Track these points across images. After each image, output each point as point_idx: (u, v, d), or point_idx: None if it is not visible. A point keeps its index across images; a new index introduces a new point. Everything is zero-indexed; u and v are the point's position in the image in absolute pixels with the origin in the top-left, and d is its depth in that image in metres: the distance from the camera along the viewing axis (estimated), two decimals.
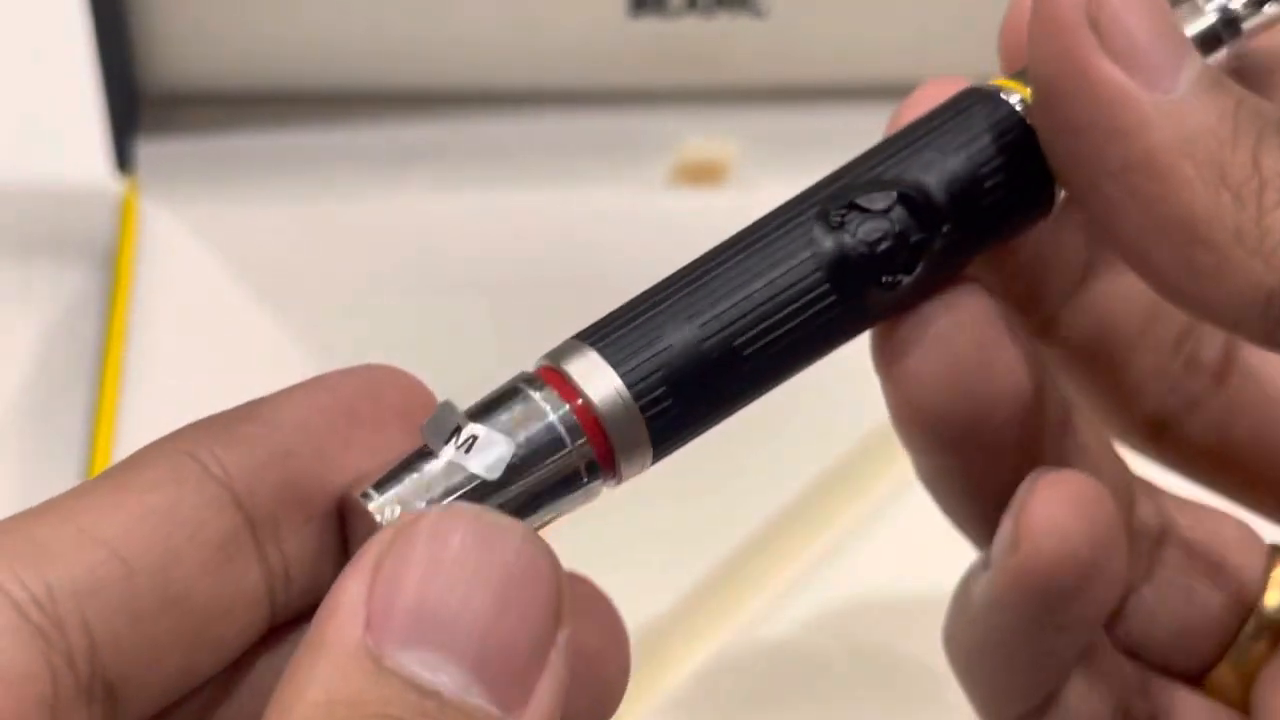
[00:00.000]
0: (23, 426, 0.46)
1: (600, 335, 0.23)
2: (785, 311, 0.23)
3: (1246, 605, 0.28)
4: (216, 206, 0.48)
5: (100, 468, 0.41)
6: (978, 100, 0.25)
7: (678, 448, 0.23)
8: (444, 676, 0.19)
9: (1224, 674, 0.28)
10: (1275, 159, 0.22)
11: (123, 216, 0.47)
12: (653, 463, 0.23)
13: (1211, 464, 0.29)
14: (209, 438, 0.22)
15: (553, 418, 0.22)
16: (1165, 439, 0.29)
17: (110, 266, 0.47)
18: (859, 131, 0.51)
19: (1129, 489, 0.28)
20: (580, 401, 0.22)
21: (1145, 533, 0.28)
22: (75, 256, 0.50)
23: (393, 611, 0.19)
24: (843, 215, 0.24)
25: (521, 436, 0.22)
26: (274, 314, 0.46)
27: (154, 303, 0.45)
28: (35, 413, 0.47)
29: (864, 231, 0.24)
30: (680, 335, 0.23)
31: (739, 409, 0.24)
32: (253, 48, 0.48)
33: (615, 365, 0.22)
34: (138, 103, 0.48)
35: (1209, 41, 0.25)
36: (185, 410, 0.43)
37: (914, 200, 0.24)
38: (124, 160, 0.48)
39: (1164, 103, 0.22)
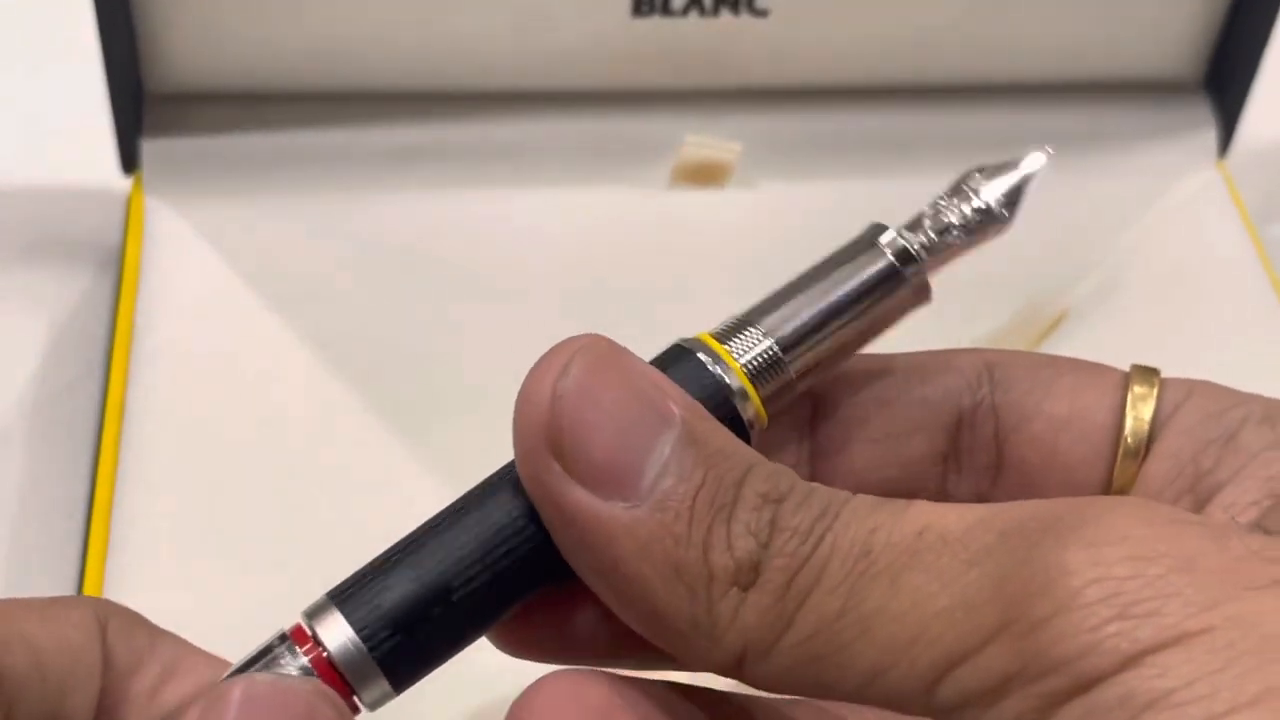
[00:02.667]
0: (30, 424, 0.46)
1: (340, 594, 0.27)
2: (492, 554, 0.26)
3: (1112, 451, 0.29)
4: (221, 205, 0.48)
5: (107, 465, 0.42)
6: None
7: (417, 678, 0.27)
8: None
9: None
10: (720, 553, 0.25)
11: (128, 215, 0.47)
12: (397, 692, 0.27)
13: None
14: None
15: (293, 671, 0.26)
16: None
17: (116, 264, 0.47)
18: (859, 131, 0.51)
19: None
20: (323, 652, 0.26)
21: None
22: (81, 255, 0.50)
23: None
24: None
25: None
26: (277, 311, 0.46)
27: (159, 300, 0.45)
28: (42, 411, 0.47)
29: None
30: (401, 587, 0.26)
31: (469, 642, 0.27)
32: (257, 48, 0.48)
33: (349, 618, 0.26)
34: (143, 102, 0.49)
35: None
36: (191, 406, 0.44)
37: None
38: (129, 159, 0.48)
39: (624, 515, 0.25)
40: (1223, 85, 0.52)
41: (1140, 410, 0.29)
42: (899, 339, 0.30)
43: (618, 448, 0.25)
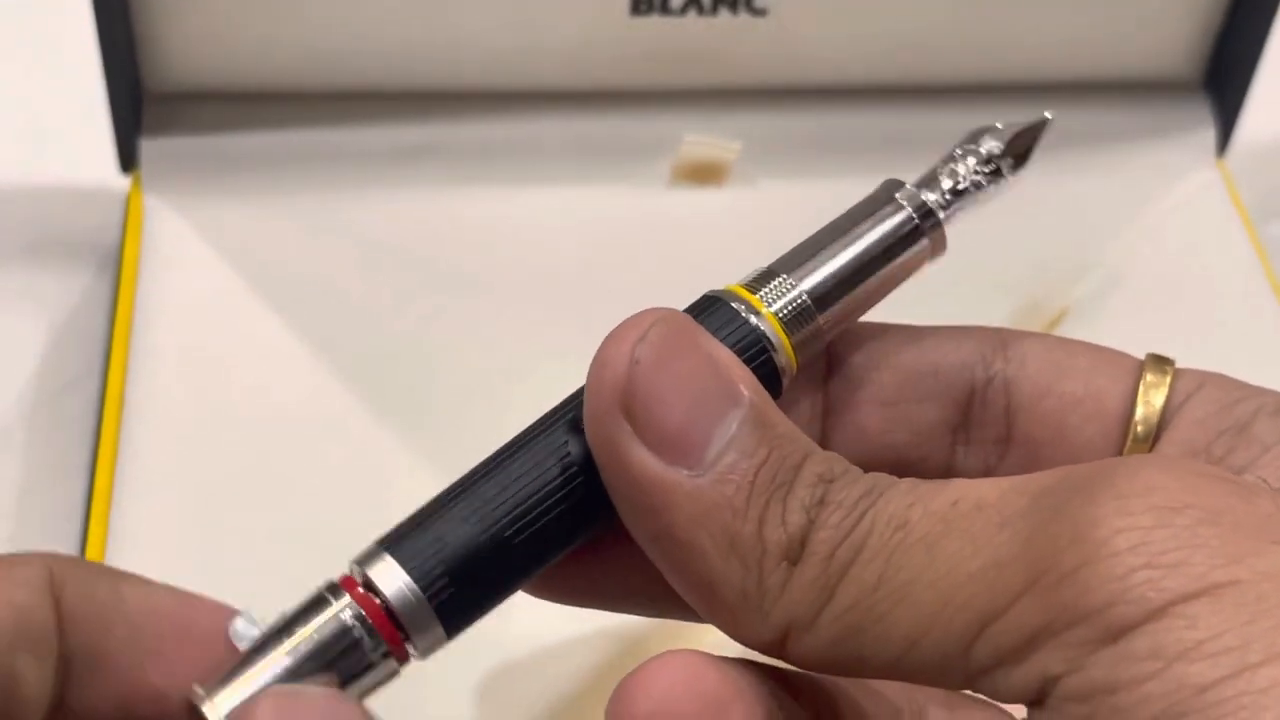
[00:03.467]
0: (29, 423, 0.46)
1: (392, 540, 0.27)
2: (546, 503, 0.27)
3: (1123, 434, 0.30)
4: (219, 204, 0.48)
5: (106, 463, 0.42)
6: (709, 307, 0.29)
7: (469, 624, 0.27)
8: None
9: None
10: (774, 528, 0.25)
11: (127, 214, 0.47)
12: (449, 639, 0.27)
13: None
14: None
15: (348, 618, 0.26)
16: None
17: (115, 263, 0.47)
18: (859, 131, 0.51)
19: None
20: (377, 600, 0.26)
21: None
22: (80, 254, 0.50)
23: None
24: None
25: (323, 636, 0.26)
26: (277, 310, 0.46)
27: (158, 299, 0.45)
28: (42, 411, 0.47)
29: None
30: (457, 533, 0.26)
31: (519, 587, 0.28)
32: (255, 47, 0.48)
33: (404, 564, 0.26)
34: (141, 101, 0.49)
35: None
36: (190, 404, 0.44)
37: None
38: (128, 158, 0.48)
39: (687, 482, 0.26)
40: (1222, 85, 0.52)
41: (1152, 397, 0.29)
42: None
43: (688, 417, 0.26)
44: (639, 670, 0.26)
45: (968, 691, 0.24)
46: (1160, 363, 0.30)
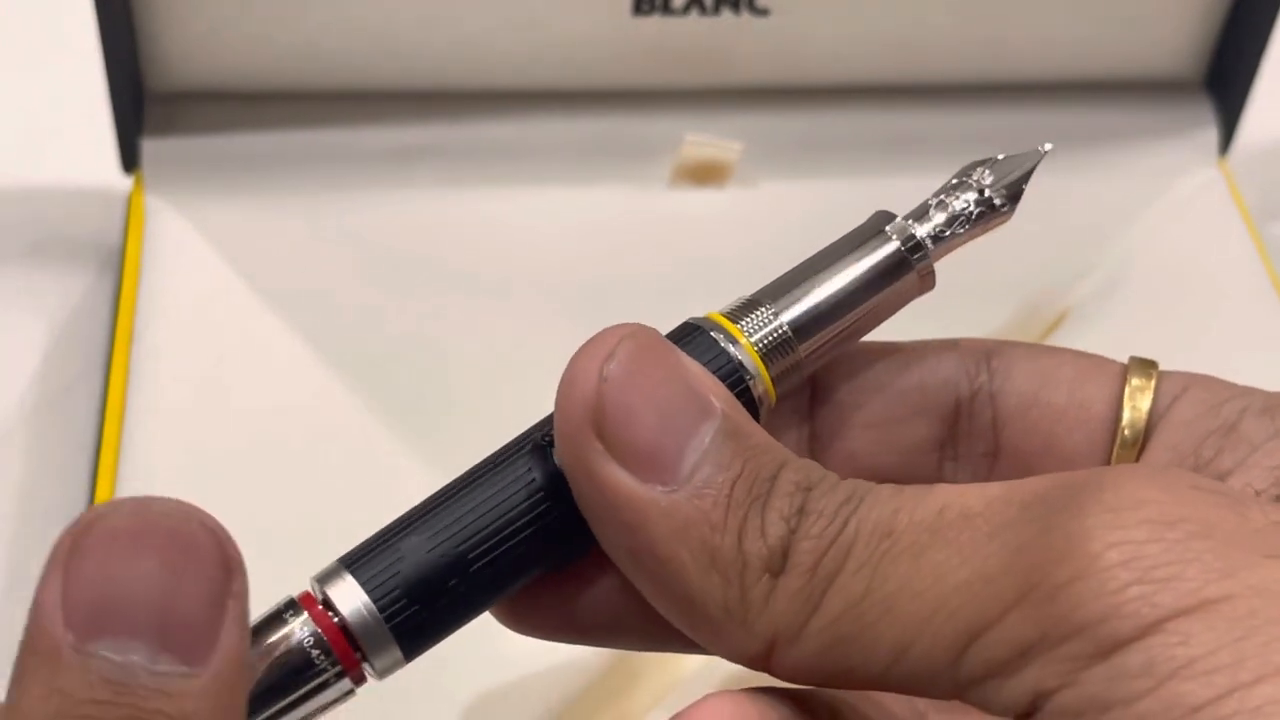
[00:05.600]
0: (31, 423, 0.46)
1: (354, 559, 0.27)
2: (509, 529, 0.27)
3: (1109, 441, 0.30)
4: (221, 204, 0.48)
5: (108, 464, 0.42)
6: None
7: (428, 647, 0.27)
8: (133, 655, 0.22)
9: None
10: (754, 540, 0.25)
11: (128, 214, 0.47)
12: (407, 660, 0.27)
13: None
14: None
15: (304, 636, 0.26)
16: None
17: (116, 263, 0.47)
18: (859, 131, 0.51)
19: None
20: (334, 618, 0.26)
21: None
22: (81, 254, 0.50)
23: (79, 607, 0.22)
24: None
25: (277, 652, 0.26)
26: (277, 310, 0.46)
27: (160, 299, 0.45)
28: (42, 411, 0.47)
29: None
30: (417, 554, 0.26)
31: (479, 612, 0.27)
32: (257, 47, 0.48)
33: (363, 584, 0.26)
34: (143, 101, 0.49)
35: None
36: (192, 405, 0.44)
37: None
38: (129, 159, 0.48)
39: (663, 498, 0.25)
40: (1223, 84, 0.52)
41: (1138, 401, 0.29)
42: (900, 333, 0.30)
43: (660, 433, 0.26)
44: (683, 716, 0.26)
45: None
46: (1144, 366, 0.30)
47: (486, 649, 0.30)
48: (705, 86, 0.51)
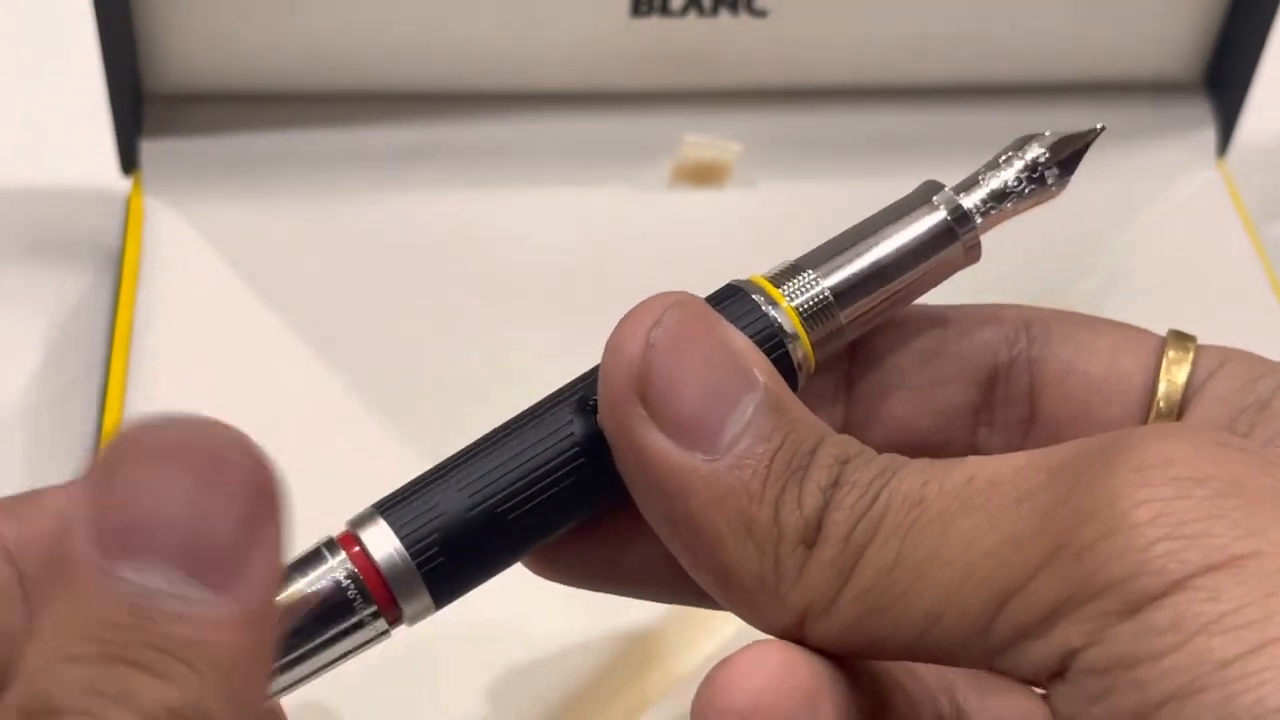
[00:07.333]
0: (30, 423, 0.46)
1: (388, 505, 0.27)
2: (544, 482, 0.27)
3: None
4: (220, 205, 0.48)
5: None
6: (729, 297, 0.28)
7: (458, 595, 0.27)
8: (155, 578, 0.21)
9: None
10: (790, 511, 0.25)
11: (128, 215, 0.48)
12: (437, 609, 0.27)
13: None
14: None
15: (341, 576, 0.26)
16: None
17: (115, 264, 0.47)
18: (859, 132, 0.51)
19: None
20: (368, 561, 0.26)
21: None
22: (81, 255, 0.50)
23: (106, 526, 0.21)
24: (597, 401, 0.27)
25: (316, 589, 0.26)
26: (276, 311, 0.46)
27: (159, 300, 0.45)
28: (42, 410, 0.47)
29: None
30: (452, 503, 0.27)
31: (511, 562, 0.28)
32: (256, 48, 0.48)
33: (397, 530, 0.26)
34: (142, 102, 0.49)
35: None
36: (190, 404, 0.43)
37: None
38: (129, 159, 0.48)
39: (703, 467, 0.26)
40: (1222, 85, 0.52)
41: (1174, 374, 0.29)
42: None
43: (703, 402, 0.26)
44: (731, 662, 0.25)
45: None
46: (1182, 339, 0.30)
47: (493, 637, 0.30)
48: (704, 87, 0.51)
